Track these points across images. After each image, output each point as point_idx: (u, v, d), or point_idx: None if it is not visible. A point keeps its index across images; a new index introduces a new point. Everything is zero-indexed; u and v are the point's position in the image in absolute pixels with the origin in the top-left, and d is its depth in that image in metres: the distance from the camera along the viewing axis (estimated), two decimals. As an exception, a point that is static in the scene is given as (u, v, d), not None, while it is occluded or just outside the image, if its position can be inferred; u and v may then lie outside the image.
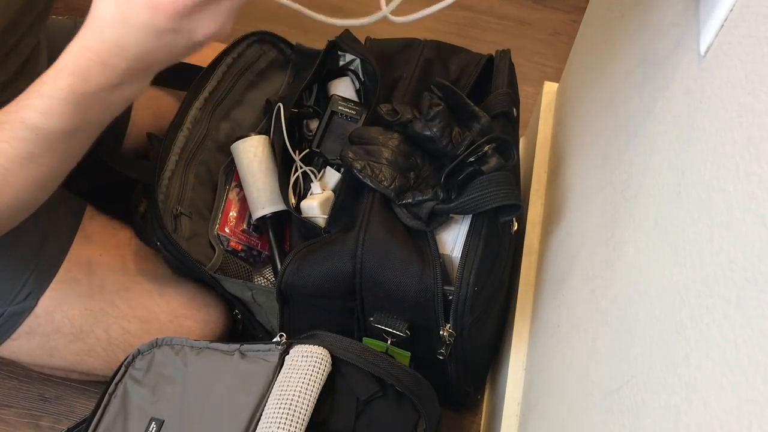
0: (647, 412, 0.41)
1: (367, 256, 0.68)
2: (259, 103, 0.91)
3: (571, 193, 0.78)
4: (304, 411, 0.60)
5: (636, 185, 0.54)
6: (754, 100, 0.36)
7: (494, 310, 0.79)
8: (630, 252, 0.52)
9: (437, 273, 0.67)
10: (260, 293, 0.78)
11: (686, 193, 0.43)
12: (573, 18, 1.43)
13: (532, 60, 1.37)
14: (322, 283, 0.70)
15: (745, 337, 0.32)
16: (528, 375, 0.78)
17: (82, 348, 0.77)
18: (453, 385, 0.81)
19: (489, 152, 0.70)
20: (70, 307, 0.75)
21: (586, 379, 0.55)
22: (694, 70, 0.46)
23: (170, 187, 0.78)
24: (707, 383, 0.34)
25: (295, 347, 0.66)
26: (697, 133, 0.43)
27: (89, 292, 0.75)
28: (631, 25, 0.67)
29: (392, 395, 0.67)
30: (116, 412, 0.65)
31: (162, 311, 0.79)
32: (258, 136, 0.83)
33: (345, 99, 0.84)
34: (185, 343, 0.70)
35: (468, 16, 1.41)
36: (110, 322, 0.77)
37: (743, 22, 0.40)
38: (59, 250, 0.75)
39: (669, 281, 0.42)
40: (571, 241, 0.72)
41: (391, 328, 0.71)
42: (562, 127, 0.92)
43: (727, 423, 0.31)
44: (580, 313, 0.62)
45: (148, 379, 0.67)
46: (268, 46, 0.92)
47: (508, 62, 0.83)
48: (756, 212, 0.33)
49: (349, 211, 0.72)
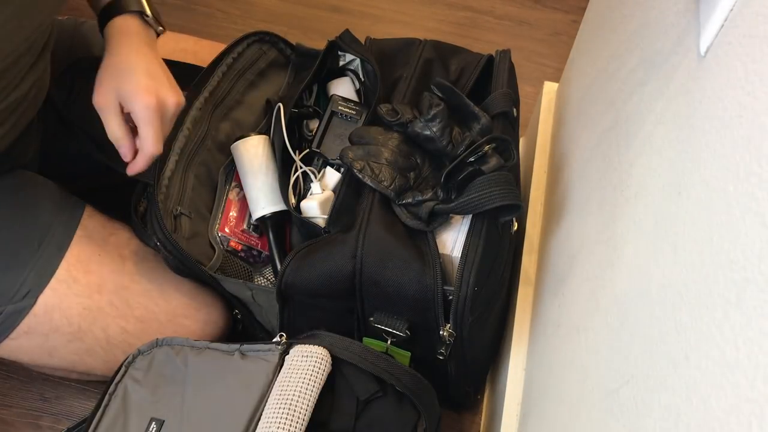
0: (647, 412, 0.41)
1: (367, 256, 0.68)
2: (259, 103, 0.91)
3: (571, 193, 0.78)
4: (304, 411, 0.60)
5: (636, 185, 0.54)
6: (754, 100, 0.36)
7: (494, 310, 0.79)
8: (630, 252, 0.52)
9: (437, 273, 0.67)
10: (260, 293, 0.78)
11: (686, 193, 0.43)
12: (573, 18, 1.43)
13: (532, 60, 1.37)
14: (322, 283, 0.70)
15: (745, 337, 0.32)
16: (528, 375, 0.78)
17: (81, 347, 0.77)
18: (453, 385, 0.81)
19: (489, 152, 0.70)
20: (69, 307, 0.75)
21: (586, 379, 0.55)
22: (694, 70, 0.46)
23: (170, 187, 0.78)
24: (707, 383, 0.34)
25: (295, 347, 0.66)
26: (697, 133, 0.43)
27: (88, 291, 0.75)
28: (631, 25, 0.67)
29: (392, 395, 0.67)
30: (116, 412, 0.65)
31: (161, 311, 0.79)
32: (258, 136, 0.83)
33: (345, 99, 0.84)
34: (185, 344, 0.70)
35: (468, 16, 1.41)
36: (109, 321, 0.77)
37: (743, 22, 0.40)
38: (58, 249, 0.75)
39: (669, 281, 0.42)
40: (571, 241, 0.72)
41: (391, 328, 0.71)
42: (562, 127, 0.92)
43: (727, 423, 0.31)
44: (580, 313, 0.62)
45: (148, 379, 0.67)
46: (268, 46, 0.92)
47: (508, 62, 0.83)
48: (756, 212, 0.33)
49: (349, 211, 0.72)
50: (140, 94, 0.68)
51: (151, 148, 0.69)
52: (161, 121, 0.70)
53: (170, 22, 1.41)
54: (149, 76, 0.69)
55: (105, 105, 0.68)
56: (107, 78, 0.69)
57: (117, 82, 0.69)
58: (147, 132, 0.68)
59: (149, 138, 0.69)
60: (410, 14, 1.41)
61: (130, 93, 0.68)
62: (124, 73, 0.69)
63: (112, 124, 0.69)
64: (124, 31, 0.71)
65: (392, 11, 1.42)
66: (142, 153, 0.70)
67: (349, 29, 0.87)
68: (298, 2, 1.42)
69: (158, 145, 0.69)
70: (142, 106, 0.68)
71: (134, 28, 0.72)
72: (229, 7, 1.44)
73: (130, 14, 0.72)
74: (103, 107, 0.69)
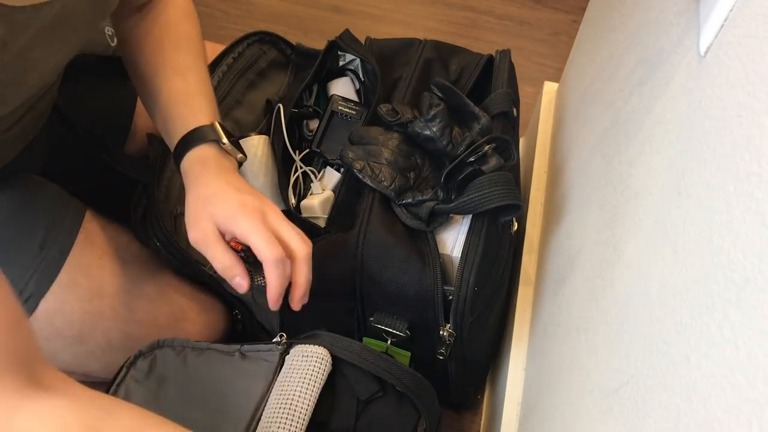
0: (647, 412, 0.41)
1: (367, 256, 0.68)
2: (259, 103, 0.91)
3: (571, 193, 0.78)
4: (304, 411, 0.60)
5: (636, 185, 0.54)
6: (754, 100, 0.36)
7: (494, 310, 0.79)
8: (630, 252, 0.52)
9: (437, 273, 0.67)
10: (260, 293, 0.77)
11: (686, 193, 0.43)
12: (573, 18, 1.43)
13: (532, 60, 1.37)
14: (321, 283, 0.70)
15: (745, 337, 0.32)
16: (528, 375, 0.78)
17: (82, 351, 0.77)
18: (453, 385, 0.81)
19: (489, 152, 0.70)
20: (71, 311, 0.74)
21: (586, 379, 0.55)
22: (694, 70, 0.46)
23: (170, 187, 0.78)
24: (707, 383, 0.34)
25: (295, 347, 0.66)
26: (697, 133, 0.43)
27: (89, 295, 0.75)
28: (631, 25, 0.67)
29: (392, 395, 0.67)
30: (116, 413, 0.65)
31: (162, 314, 0.79)
32: (258, 136, 0.83)
33: (345, 99, 0.84)
34: (186, 344, 0.70)
35: (468, 16, 1.41)
36: (110, 325, 0.77)
37: (743, 22, 0.40)
38: (60, 254, 0.74)
39: (669, 281, 0.42)
40: (571, 241, 0.72)
41: (391, 328, 0.71)
42: (562, 127, 0.92)
43: (727, 423, 0.31)
44: (580, 313, 0.62)
45: (149, 379, 0.67)
46: (268, 46, 0.92)
47: (508, 62, 0.83)
48: (756, 212, 0.33)
49: (349, 211, 0.72)
50: (239, 211, 0.62)
51: (269, 254, 0.61)
52: (268, 228, 0.62)
53: (170, 22, 1.41)
54: (239, 192, 0.64)
55: (205, 237, 0.62)
56: (198, 210, 0.64)
57: (210, 209, 0.63)
58: (258, 241, 0.61)
59: (263, 246, 0.61)
60: (410, 14, 1.41)
61: (228, 215, 0.62)
62: (212, 198, 0.64)
63: (218, 254, 0.62)
64: (201, 160, 0.67)
65: (392, 11, 1.42)
66: (268, 265, 0.61)
67: (349, 29, 0.87)
68: (298, 2, 1.42)
69: (274, 249, 0.61)
70: (245, 222, 0.61)
71: (212, 156, 0.67)
72: (229, 7, 1.44)
73: (207, 144, 0.67)
74: (202, 240, 0.63)
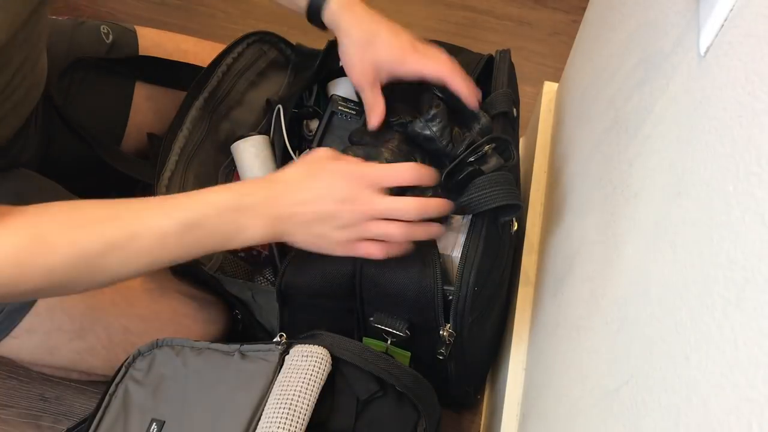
0: (647, 412, 0.41)
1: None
2: (259, 103, 0.91)
3: (571, 193, 0.78)
4: (304, 411, 0.60)
5: (636, 185, 0.54)
6: (754, 100, 0.36)
7: (494, 309, 0.79)
8: (630, 252, 0.52)
9: (437, 273, 0.67)
10: (260, 293, 0.78)
11: (686, 193, 0.43)
12: (573, 18, 1.43)
13: (532, 60, 1.37)
14: (321, 283, 0.70)
15: (745, 337, 0.32)
16: (528, 375, 0.78)
17: (83, 346, 0.77)
18: (453, 385, 0.81)
19: (489, 152, 0.70)
20: (71, 305, 0.75)
21: (586, 379, 0.55)
22: (694, 70, 0.46)
23: (170, 187, 0.78)
24: (707, 383, 0.34)
25: (295, 347, 0.66)
26: (697, 133, 0.43)
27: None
28: (631, 25, 0.67)
29: (392, 395, 0.67)
30: (117, 413, 0.65)
31: (162, 310, 0.79)
32: (258, 136, 0.83)
33: (345, 99, 0.84)
34: (186, 344, 0.70)
35: (468, 16, 1.41)
36: (111, 320, 0.77)
37: (743, 22, 0.40)
38: None
39: (669, 281, 0.42)
40: (571, 241, 0.72)
41: (391, 328, 0.71)
42: (562, 127, 0.92)
43: (727, 423, 0.31)
44: (580, 313, 0.62)
45: (148, 379, 0.67)
46: (268, 46, 0.92)
47: (508, 62, 0.83)
48: (756, 212, 0.33)
49: (349, 211, 0.72)
50: (402, 55, 0.68)
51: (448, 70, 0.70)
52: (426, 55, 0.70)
53: (170, 22, 1.41)
54: (397, 35, 0.69)
55: (367, 81, 0.69)
56: (358, 55, 0.69)
57: (371, 54, 0.68)
58: (430, 66, 0.69)
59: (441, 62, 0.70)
60: (410, 14, 1.41)
61: (391, 59, 0.68)
62: (372, 43, 0.68)
63: (378, 99, 0.70)
64: (346, 7, 0.70)
65: (392, 11, 1.41)
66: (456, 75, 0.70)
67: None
68: (298, 2, 1.42)
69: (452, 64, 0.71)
70: (412, 66, 0.69)
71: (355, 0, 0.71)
72: (230, 7, 1.44)
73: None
74: (365, 83, 0.69)
